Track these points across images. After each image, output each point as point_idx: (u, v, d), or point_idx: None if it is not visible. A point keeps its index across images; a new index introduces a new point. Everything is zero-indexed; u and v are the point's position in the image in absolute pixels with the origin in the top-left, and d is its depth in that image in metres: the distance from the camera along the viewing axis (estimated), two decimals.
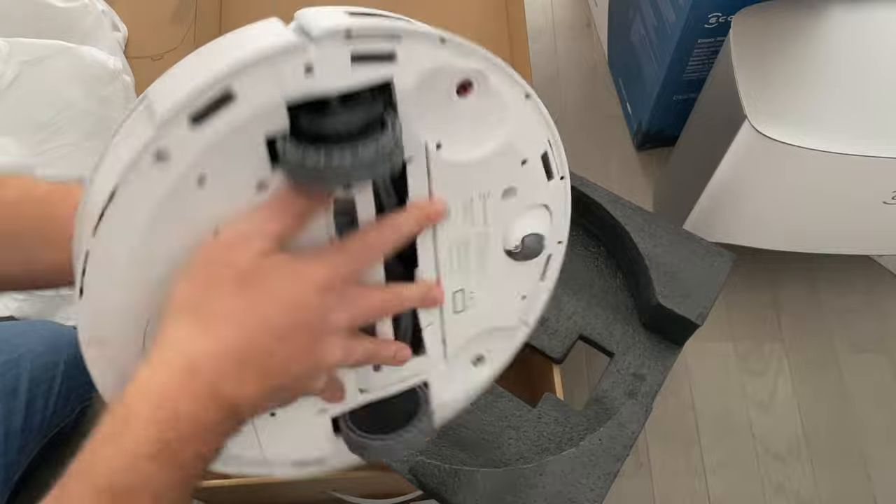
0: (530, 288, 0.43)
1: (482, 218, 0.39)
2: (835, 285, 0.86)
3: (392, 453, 0.43)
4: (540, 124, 0.39)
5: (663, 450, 0.78)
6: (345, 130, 0.31)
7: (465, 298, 0.41)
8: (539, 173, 0.40)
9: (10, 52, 0.79)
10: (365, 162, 0.30)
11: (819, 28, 0.67)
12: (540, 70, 1.00)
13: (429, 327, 0.40)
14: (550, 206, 0.41)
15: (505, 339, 0.45)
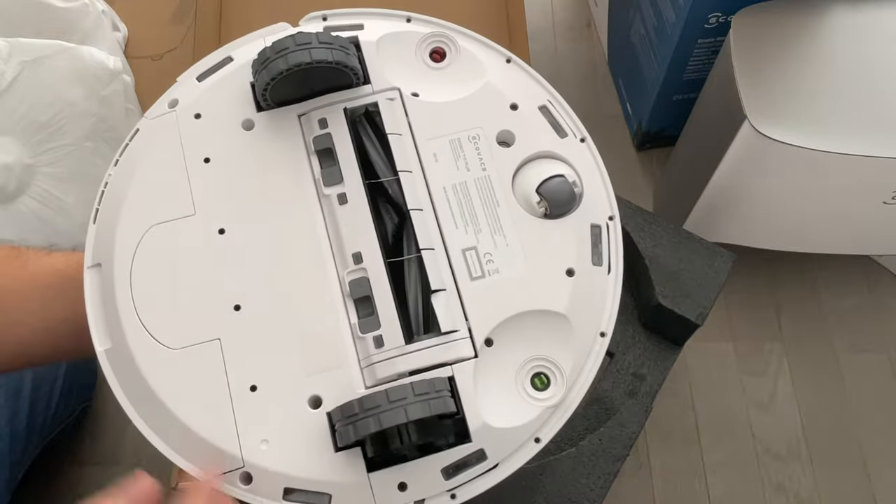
0: (579, 264, 0.37)
1: (477, 162, 0.38)
2: (835, 285, 0.86)
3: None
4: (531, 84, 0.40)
5: (663, 450, 0.78)
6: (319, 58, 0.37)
7: (482, 262, 0.37)
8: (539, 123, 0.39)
9: (10, 52, 0.79)
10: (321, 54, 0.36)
11: (819, 28, 0.67)
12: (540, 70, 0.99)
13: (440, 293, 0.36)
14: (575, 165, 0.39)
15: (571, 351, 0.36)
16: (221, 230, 0.37)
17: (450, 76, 0.40)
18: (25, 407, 0.66)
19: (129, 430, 0.78)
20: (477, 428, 0.34)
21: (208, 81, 0.40)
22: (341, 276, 0.36)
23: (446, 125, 0.39)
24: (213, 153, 0.38)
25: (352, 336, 0.35)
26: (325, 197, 0.38)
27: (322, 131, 0.38)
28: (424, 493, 0.34)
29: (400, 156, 0.38)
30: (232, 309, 0.36)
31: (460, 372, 0.35)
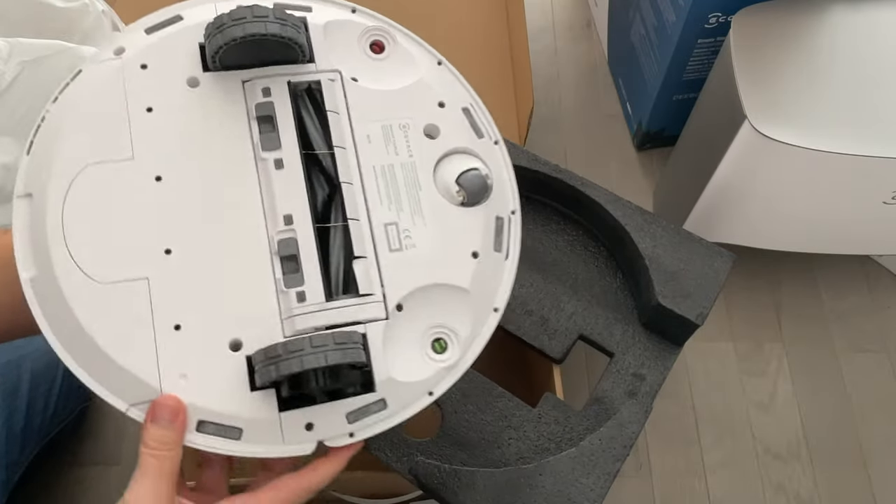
0: (483, 248, 0.41)
1: (405, 148, 0.42)
2: (835, 285, 0.86)
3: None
4: (456, 87, 0.44)
5: (663, 450, 0.78)
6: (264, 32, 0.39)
7: (401, 237, 0.40)
8: (461, 123, 0.44)
9: (10, 52, 0.79)
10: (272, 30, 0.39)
11: (819, 28, 0.67)
12: (540, 70, 1.00)
13: (361, 260, 0.40)
14: (488, 163, 0.43)
15: (469, 322, 0.41)
16: (158, 177, 0.39)
17: (386, 68, 0.43)
18: (23, 407, 0.66)
19: (129, 430, 0.78)
20: (382, 380, 0.38)
21: (156, 36, 0.41)
22: (271, 234, 0.39)
23: (380, 111, 0.42)
24: (156, 104, 0.40)
25: (276, 290, 0.38)
26: (262, 160, 0.40)
27: (265, 99, 0.41)
28: (328, 434, 0.38)
29: (336, 132, 0.41)
30: (163, 252, 0.38)
31: (372, 330, 0.38)
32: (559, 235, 0.65)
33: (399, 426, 0.54)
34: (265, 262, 0.38)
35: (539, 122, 0.96)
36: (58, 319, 0.37)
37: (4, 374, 0.65)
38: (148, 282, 0.37)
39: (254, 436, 0.37)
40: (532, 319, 0.61)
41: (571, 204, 0.65)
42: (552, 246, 0.65)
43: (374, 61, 0.43)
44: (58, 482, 0.75)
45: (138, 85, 0.40)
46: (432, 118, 0.43)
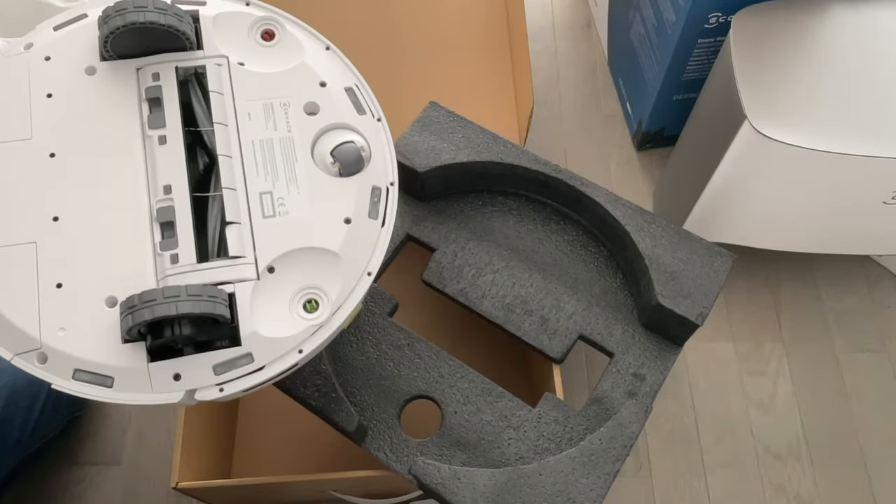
0: (356, 215, 0.44)
1: (285, 124, 0.45)
2: (835, 285, 0.86)
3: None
4: (343, 69, 0.48)
5: (663, 450, 0.78)
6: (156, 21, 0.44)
7: (275, 204, 0.44)
8: (342, 101, 0.47)
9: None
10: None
11: (819, 28, 0.67)
12: (540, 70, 1.00)
13: (234, 226, 0.43)
14: (367, 138, 0.46)
15: (339, 283, 0.43)
16: (52, 154, 0.43)
17: (274, 54, 0.47)
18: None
19: (129, 430, 0.78)
20: (247, 335, 0.41)
21: (62, 31, 0.46)
22: (152, 203, 0.43)
23: (263, 91, 0.46)
24: (55, 90, 0.45)
25: (153, 253, 0.42)
26: (148, 137, 0.44)
27: (154, 83, 0.45)
28: (196, 384, 0.40)
29: (218, 111, 0.45)
30: (51, 219, 0.42)
31: (241, 289, 0.41)
32: (559, 235, 0.65)
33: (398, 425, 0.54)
34: (145, 227, 0.42)
35: (539, 122, 0.96)
36: None
37: None
38: (35, 245, 0.41)
39: (124, 384, 0.40)
40: (532, 319, 0.61)
41: (571, 204, 0.65)
42: (552, 246, 0.65)
43: (263, 48, 0.47)
44: (58, 482, 0.75)
45: (41, 74, 0.45)
46: (313, 96, 0.46)
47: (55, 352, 0.40)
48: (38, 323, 0.40)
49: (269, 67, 0.47)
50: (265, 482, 0.59)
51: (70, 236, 0.42)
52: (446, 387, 0.58)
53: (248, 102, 0.46)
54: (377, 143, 0.46)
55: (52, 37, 0.46)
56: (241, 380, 0.41)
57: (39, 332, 0.40)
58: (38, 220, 0.42)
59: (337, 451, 0.74)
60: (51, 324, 0.40)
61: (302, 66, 0.47)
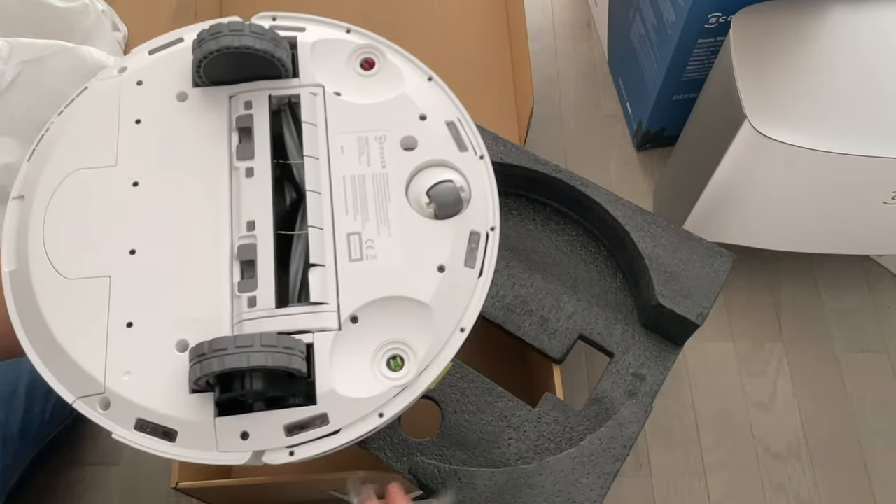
0: (451, 263, 0.40)
1: (379, 160, 0.42)
2: (835, 285, 0.86)
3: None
4: (445, 102, 0.45)
5: (663, 450, 0.78)
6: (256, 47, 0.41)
7: (363, 247, 0.40)
8: (443, 135, 0.43)
9: (10, 52, 0.79)
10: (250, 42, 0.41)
11: (819, 28, 0.67)
12: (540, 70, 1.00)
13: (317, 268, 0.39)
14: (468, 177, 0.42)
15: (429, 339, 0.39)
16: (135, 183, 0.41)
17: (373, 83, 0.44)
18: (20, 410, 0.65)
19: None
20: (324, 392, 0.37)
21: (157, 56, 0.44)
22: (234, 239, 0.40)
23: (358, 123, 0.43)
24: (144, 116, 0.42)
25: (230, 294, 0.38)
26: (235, 169, 0.41)
27: (246, 111, 0.42)
28: (264, 445, 0.36)
29: (310, 143, 0.42)
30: (128, 252, 0.39)
31: (320, 340, 0.37)
32: (559, 235, 0.65)
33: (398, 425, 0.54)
34: (225, 266, 0.39)
35: (539, 122, 0.96)
36: (26, 311, 0.39)
37: (2, 376, 0.65)
38: (109, 280, 0.39)
39: (188, 440, 0.36)
40: (532, 319, 0.61)
41: (571, 204, 0.65)
42: (552, 246, 0.65)
43: (361, 77, 0.44)
44: (58, 482, 0.75)
45: (132, 99, 0.43)
46: (411, 130, 0.43)
47: (119, 398, 0.37)
48: (105, 365, 0.37)
49: (366, 98, 0.44)
50: (265, 482, 0.59)
51: (146, 271, 0.39)
52: (446, 387, 0.58)
53: (341, 135, 0.42)
54: (478, 183, 0.42)
55: (146, 61, 0.44)
56: (314, 444, 0.37)
57: (104, 375, 0.37)
58: (115, 252, 0.39)
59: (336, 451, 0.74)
60: (117, 366, 0.37)
61: (401, 98, 0.44)
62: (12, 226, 0.41)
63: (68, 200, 0.40)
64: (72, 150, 0.42)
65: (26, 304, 0.39)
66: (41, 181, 0.41)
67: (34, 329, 0.38)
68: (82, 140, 0.42)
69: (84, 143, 0.42)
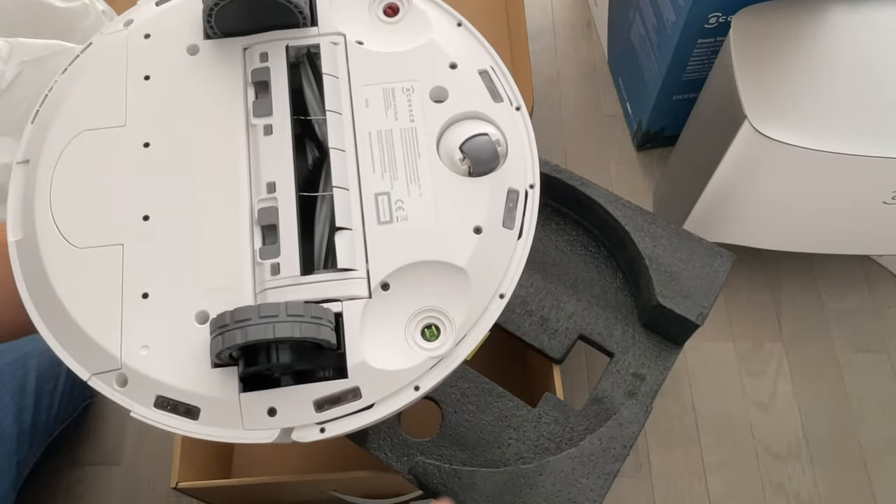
0: (489, 223, 0.37)
1: (407, 113, 0.39)
2: (835, 285, 0.86)
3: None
4: (477, 48, 0.41)
5: (663, 450, 0.78)
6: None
7: (393, 208, 0.37)
8: (475, 85, 0.40)
9: (10, 52, 0.79)
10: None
11: (819, 28, 0.67)
12: (540, 70, 1.00)
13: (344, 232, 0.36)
14: (504, 130, 0.39)
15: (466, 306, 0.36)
16: (146, 144, 0.38)
17: (398, 31, 0.41)
18: (30, 405, 0.66)
19: (129, 430, 0.78)
20: (355, 365, 0.34)
21: (164, 6, 0.41)
22: (253, 202, 0.37)
23: (383, 74, 0.39)
24: (153, 72, 0.39)
25: (252, 261, 0.36)
26: (252, 126, 0.38)
27: (261, 64, 0.39)
28: (293, 422, 0.34)
29: (332, 97, 0.39)
30: (141, 218, 0.37)
31: (349, 309, 0.35)
32: (559, 235, 0.65)
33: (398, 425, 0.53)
34: (245, 230, 0.36)
35: (539, 122, 0.96)
36: (35, 283, 0.36)
37: (11, 372, 0.65)
38: (122, 248, 0.36)
39: (212, 417, 0.34)
40: (532, 319, 0.61)
41: (571, 204, 0.65)
42: (552, 246, 0.65)
43: (385, 24, 0.41)
44: (58, 482, 0.75)
45: (139, 54, 0.40)
46: (441, 80, 0.39)
47: (137, 374, 0.35)
48: (120, 339, 0.35)
49: (391, 46, 0.40)
50: (265, 482, 0.59)
51: (161, 238, 0.36)
52: (446, 386, 0.58)
53: (366, 87, 0.39)
54: (515, 137, 0.39)
55: (154, 12, 0.41)
56: (346, 419, 0.34)
57: (120, 350, 0.35)
58: (128, 218, 0.37)
59: (337, 451, 0.74)
60: (134, 341, 0.35)
61: (429, 45, 0.40)
62: (17, 192, 0.38)
63: (76, 164, 0.38)
64: (78, 109, 0.39)
65: (35, 275, 0.36)
66: (46, 144, 0.38)
67: (44, 302, 0.36)
68: (88, 99, 0.39)
69: (90, 103, 0.39)
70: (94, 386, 0.35)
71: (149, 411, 0.34)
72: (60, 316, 0.36)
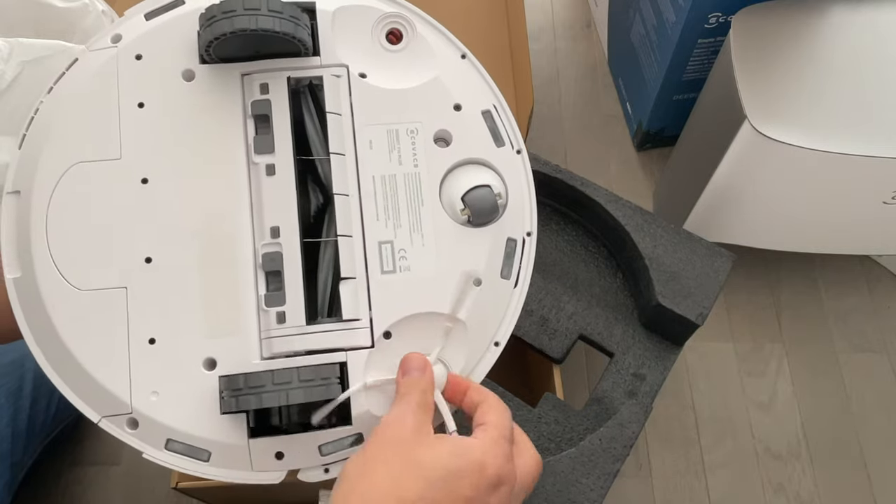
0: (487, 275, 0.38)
1: (411, 157, 0.38)
2: (835, 285, 0.86)
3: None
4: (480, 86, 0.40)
5: (663, 450, 0.78)
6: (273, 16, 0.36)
7: (396, 257, 0.37)
8: (479, 128, 0.39)
9: (10, 52, 0.79)
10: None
11: (819, 28, 0.67)
12: (540, 70, 1.00)
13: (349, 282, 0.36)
14: (504, 175, 0.39)
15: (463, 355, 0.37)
16: (145, 179, 0.37)
17: (402, 61, 0.40)
18: (26, 406, 0.65)
19: None
20: (359, 413, 0.36)
21: (155, 21, 0.39)
22: (257, 246, 0.37)
23: (388, 114, 0.39)
24: (148, 99, 0.38)
25: (257, 307, 0.36)
26: (254, 164, 0.37)
27: (262, 96, 0.38)
28: (299, 465, 0.36)
29: (335, 137, 0.38)
30: (143, 260, 0.36)
31: (354, 359, 0.36)
32: (559, 235, 0.65)
33: None
34: (248, 276, 0.36)
35: (539, 121, 0.96)
36: (38, 325, 0.36)
37: (8, 373, 0.65)
38: (126, 291, 0.36)
39: (222, 460, 0.35)
40: (532, 319, 0.61)
41: (571, 204, 0.65)
42: (552, 246, 0.65)
43: (388, 53, 0.40)
44: (58, 482, 0.75)
45: (131, 77, 0.38)
46: (445, 123, 0.39)
47: (147, 419, 0.35)
48: (129, 384, 0.35)
49: (395, 82, 0.39)
50: None
51: (164, 282, 0.36)
52: None
53: (370, 127, 0.38)
54: (515, 184, 0.39)
55: (144, 28, 0.39)
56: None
57: (130, 396, 0.35)
58: (130, 260, 0.36)
59: None
60: (143, 386, 0.35)
61: (435, 83, 0.39)
62: (11, 225, 0.37)
63: (71, 199, 0.37)
64: (69, 138, 0.37)
65: (37, 316, 0.36)
66: (39, 175, 0.37)
67: (49, 345, 0.36)
68: (80, 126, 0.38)
69: (83, 131, 0.38)
70: (104, 428, 0.36)
71: (160, 453, 0.35)
72: (66, 359, 0.36)
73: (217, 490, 0.60)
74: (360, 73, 0.39)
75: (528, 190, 0.40)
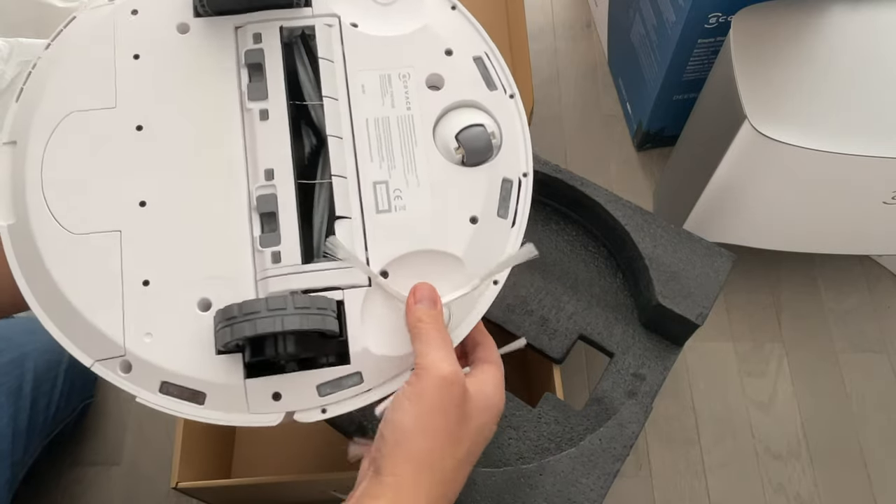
0: (484, 213, 0.38)
1: (403, 100, 0.39)
2: (835, 285, 0.86)
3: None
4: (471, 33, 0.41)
5: (663, 450, 0.78)
6: None
7: (391, 197, 0.37)
8: (471, 72, 0.40)
9: (10, 52, 0.79)
10: None
11: (819, 28, 0.67)
12: (540, 70, 1.00)
13: (344, 221, 0.37)
14: (498, 118, 0.40)
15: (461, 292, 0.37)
16: (139, 126, 0.38)
17: (392, 12, 0.41)
18: (26, 406, 0.65)
19: (129, 430, 0.78)
20: (357, 352, 0.35)
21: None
22: (251, 189, 0.37)
23: (379, 59, 0.39)
24: (143, 50, 0.39)
25: (252, 249, 0.36)
26: (247, 111, 0.38)
27: (255, 45, 0.38)
28: (297, 406, 0.35)
29: (328, 82, 0.38)
30: (137, 204, 0.37)
31: (351, 297, 0.36)
32: (559, 235, 0.65)
33: None
34: (244, 217, 0.37)
35: (539, 122, 0.96)
36: (31, 270, 0.36)
37: (7, 372, 0.65)
38: (120, 234, 0.36)
39: (218, 402, 0.35)
40: (532, 319, 0.61)
41: (571, 204, 0.65)
42: (552, 246, 0.65)
43: (379, 6, 0.41)
44: (58, 482, 0.75)
45: (127, 31, 0.39)
46: (437, 67, 0.39)
47: (141, 361, 0.35)
48: (123, 326, 0.35)
49: (386, 30, 0.40)
50: (265, 482, 0.59)
51: (159, 225, 0.36)
52: None
53: (362, 72, 0.39)
54: (509, 126, 0.40)
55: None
56: (347, 402, 0.36)
57: (123, 338, 0.35)
58: (124, 204, 0.36)
59: (337, 450, 0.74)
60: (136, 328, 0.35)
61: (425, 30, 0.40)
62: (5, 174, 0.37)
63: (66, 147, 0.37)
64: (66, 89, 0.38)
65: (31, 262, 0.36)
66: (34, 124, 0.37)
67: (42, 289, 0.36)
68: (76, 78, 0.38)
69: (79, 82, 0.38)
70: (97, 372, 0.35)
71: (154, 396, 0.35)
72: (60, 303, 0.36)
73: (217, 490, 0.60)
74: (352, 23, 0.40)
75: (523, 132, 0.40)
